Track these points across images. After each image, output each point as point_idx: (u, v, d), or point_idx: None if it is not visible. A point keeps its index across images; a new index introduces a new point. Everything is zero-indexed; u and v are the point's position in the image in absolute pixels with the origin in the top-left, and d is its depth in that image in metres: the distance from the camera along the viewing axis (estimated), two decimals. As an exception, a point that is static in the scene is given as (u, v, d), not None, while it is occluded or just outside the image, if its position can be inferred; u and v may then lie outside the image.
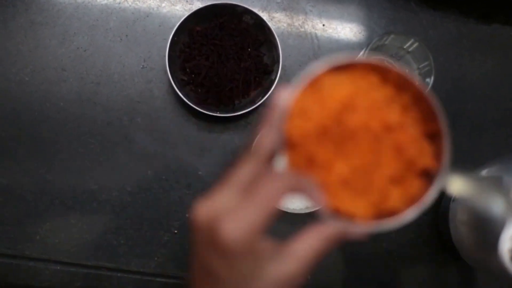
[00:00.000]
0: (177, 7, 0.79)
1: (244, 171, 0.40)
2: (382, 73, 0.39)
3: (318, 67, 0.38)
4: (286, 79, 0.78)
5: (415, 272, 0.79)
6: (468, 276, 0.80)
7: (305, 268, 0.40)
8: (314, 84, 0.39)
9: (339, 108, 0.38)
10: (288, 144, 0.39)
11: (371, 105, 0.38)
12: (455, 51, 0.81)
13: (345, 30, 0.80)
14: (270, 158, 0.40)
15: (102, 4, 0.78)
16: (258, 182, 0.38)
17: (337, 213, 0.38)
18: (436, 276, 0.79)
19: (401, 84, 0.39)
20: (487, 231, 0.62)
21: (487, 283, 0.80)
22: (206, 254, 0.39)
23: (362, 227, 0.38)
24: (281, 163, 0.39)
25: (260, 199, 0.38)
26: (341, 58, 0.38)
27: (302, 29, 0.79)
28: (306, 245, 0.40)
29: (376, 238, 0.77)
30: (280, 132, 0.39)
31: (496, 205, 0.62)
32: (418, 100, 0.39)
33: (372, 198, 0.38)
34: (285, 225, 0.76)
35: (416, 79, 0.38)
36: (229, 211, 0.38)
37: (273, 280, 0.40)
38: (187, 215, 0.75)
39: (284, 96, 0.38)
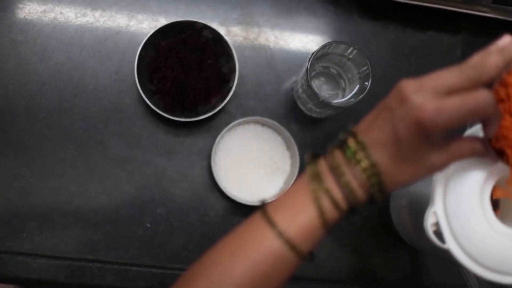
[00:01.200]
0: (144, 25, 0.87)
1: (456, 82, 0.51)
2: None
3: None
4: (243, 86, 0.87)
5: (366, 258, 0.89)
6: (415, 257, 0.89)
7: (449, 163, 0.55)
8: None
9: None
10: (499, 84, 0.53)
11: None
12: (394, 57, 0.90)
13: (295, 41, 0.90)
14: (485, 83, 0.52)
15: (76, 24, 0.87)
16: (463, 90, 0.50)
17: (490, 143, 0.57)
18: (387, 260, 0.89)
19: None
20: (419, 212, 0.71)
21: (432, 262, 0.89)
22: (397, 111, 0.51)
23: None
24: None
25: (469, 97, 0.50)
26: None
27: (257, 42, 0.89)
28: (460, 147, 0.55)
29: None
30: (504, 69, 0.52)
31: (426, 186, 0.70)
32: None
33: None
34: (239, 217, 0.85)
35: None
36: (436, 95, 0.50)
37: (428, 164, 0.54)
38: (158, 211, 0.84)
39: None
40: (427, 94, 0.50)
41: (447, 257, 0.67)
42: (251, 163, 0.85)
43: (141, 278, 0.83)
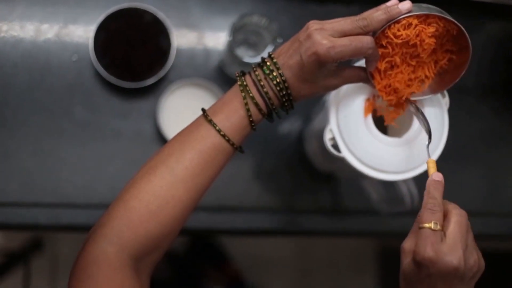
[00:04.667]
0: (96, 13, 1.06)
1: (348, 27, 0.72)
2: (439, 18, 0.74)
3: (416, 12, 0.73)
4: (180, 58, 1.07)
5: (291, 191, 1.10)
6: (330, 187, 1.11)
7: (341, 85, 0.79)
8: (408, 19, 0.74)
9: (410, 37, 0.74)
10: (382, 34, 0.74)
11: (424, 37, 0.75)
12: (301, 27, 1.11)
13: (219, 19, 1.11)
14: (371, 31, 0.73)
15: (39, 16, 1.06)
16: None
17: (371, 76, 0.78)
18: (309, 190, 1.10)
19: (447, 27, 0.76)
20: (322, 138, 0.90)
21: (345, 190, 1.12)
22: (303, 43, 0.72)
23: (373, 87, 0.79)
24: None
25: (355, 39, 0.71)
26: (422, 10, 0.74)
27: (189, 21, 1.09)
28: (350, 74, 0.77)
29: (256, 156, 1.10)
30: (385, 25, 0.73)
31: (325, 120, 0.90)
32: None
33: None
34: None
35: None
36: (333, 35, 0.71)
37: (324, 85, 0.76)
38: (118, 161, 1.04)
39: (403, 8, 0.73)
40: (326, 33, 0.71)
41: (348, 169, 0.86)
42: (190, 117, 1.04)
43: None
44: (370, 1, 0.83)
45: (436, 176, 0.70)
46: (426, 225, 0.65)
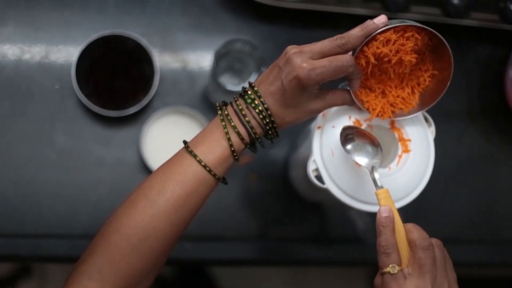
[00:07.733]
0: (78, 40, 1.05)
1: (327, 47, 0.72)
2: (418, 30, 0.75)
3: (393, 24, 0.73)
4: (164, 85, 1.06)
5: (276, 219, 1.09)
6: (318, 215, 1.09)
7: (325, 108, 0.77)
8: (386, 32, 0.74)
9: (391, 52, 0.74)
10: (362, 50, 0.74)
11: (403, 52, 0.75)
12: None
13: (204, 45, 1.09)
14: (350, 49, 0.73)
15: (20, 44, 1.05)
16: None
17: (355, 96, 0.77)
18: (294, 218, 1.09)
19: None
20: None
21: (333, 219, 1.10)
22: (283, 69, 0.72)
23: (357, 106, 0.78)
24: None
25: (335, 58, 0.71)
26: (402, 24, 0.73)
27: (172, 48, 1.08)
28: (334, 97, 0.76)
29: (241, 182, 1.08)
30: (364, 41, 0.73)
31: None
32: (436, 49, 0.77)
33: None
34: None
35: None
36: (312, 57, 0.71)
37: (308, 109, 0.74)
38: (101, 190, 1.02)
39: (379, 22, 0.72)
40: (305, 56, 0.71)
41: (332, 200, 0.85)
42: (174, 145, 1.02)
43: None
44: (357, 25, 0.82)
45: (383, 211, 0.67)
46: (385, 270, 0.64)
